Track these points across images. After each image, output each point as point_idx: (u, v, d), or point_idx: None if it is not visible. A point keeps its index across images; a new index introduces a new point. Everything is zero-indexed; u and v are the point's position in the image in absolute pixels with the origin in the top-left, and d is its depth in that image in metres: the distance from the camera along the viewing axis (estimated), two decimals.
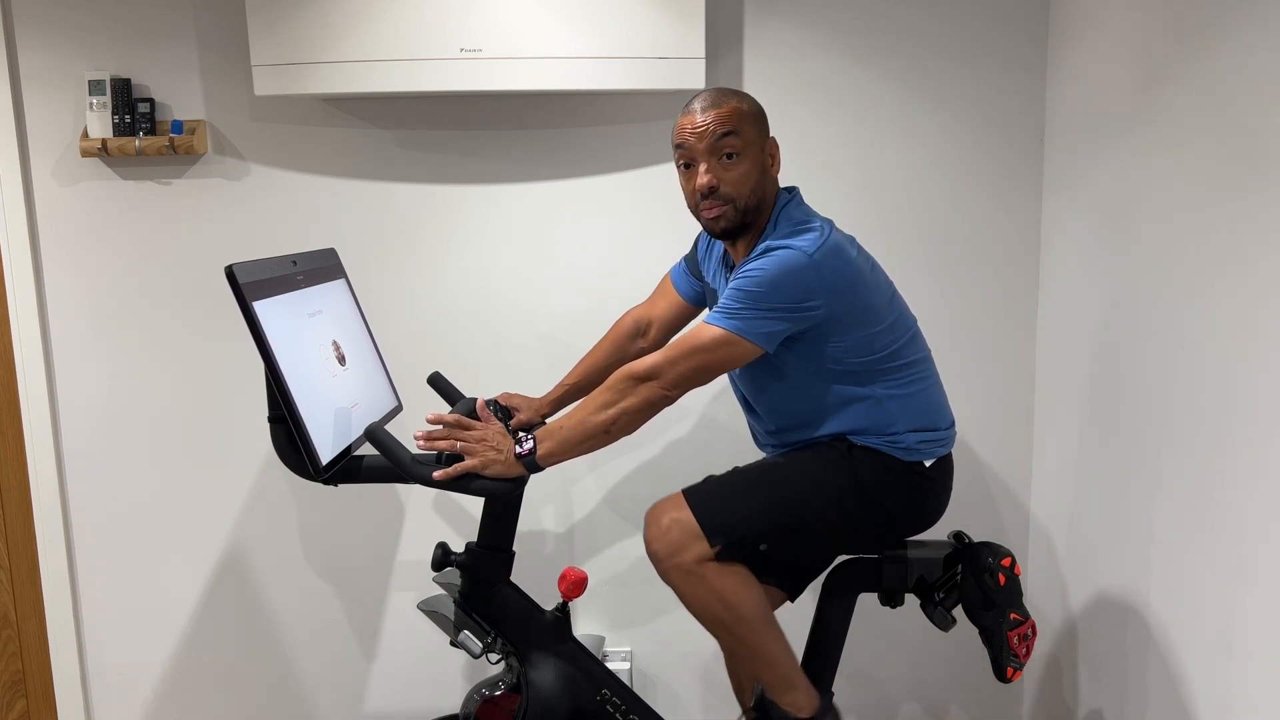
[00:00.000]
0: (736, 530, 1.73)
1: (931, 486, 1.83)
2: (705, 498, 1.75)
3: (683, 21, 2.13)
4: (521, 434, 1.74)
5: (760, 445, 1.97)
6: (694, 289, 2.02)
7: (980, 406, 2.44)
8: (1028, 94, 2.34)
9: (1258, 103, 1.58)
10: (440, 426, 1.73)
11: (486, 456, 1.69)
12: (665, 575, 1.75)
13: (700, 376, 1.67)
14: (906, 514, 1.82)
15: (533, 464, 1.71)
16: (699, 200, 1.74)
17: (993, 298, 2.41)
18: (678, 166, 1.77)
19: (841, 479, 1.76)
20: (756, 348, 1.65)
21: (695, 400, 2.44)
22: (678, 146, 1.74)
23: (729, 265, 1.86)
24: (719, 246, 1.91)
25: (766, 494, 1.76)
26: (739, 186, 1.71)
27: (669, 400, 1.68)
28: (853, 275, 1.69)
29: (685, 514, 1.72)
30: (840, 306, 1.67)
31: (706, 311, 1.78)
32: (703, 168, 1.71)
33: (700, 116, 1.70)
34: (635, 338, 2.07)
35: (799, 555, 1.88)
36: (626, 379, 1.68)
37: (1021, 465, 2.47)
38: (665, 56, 2.14)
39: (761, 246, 1.69)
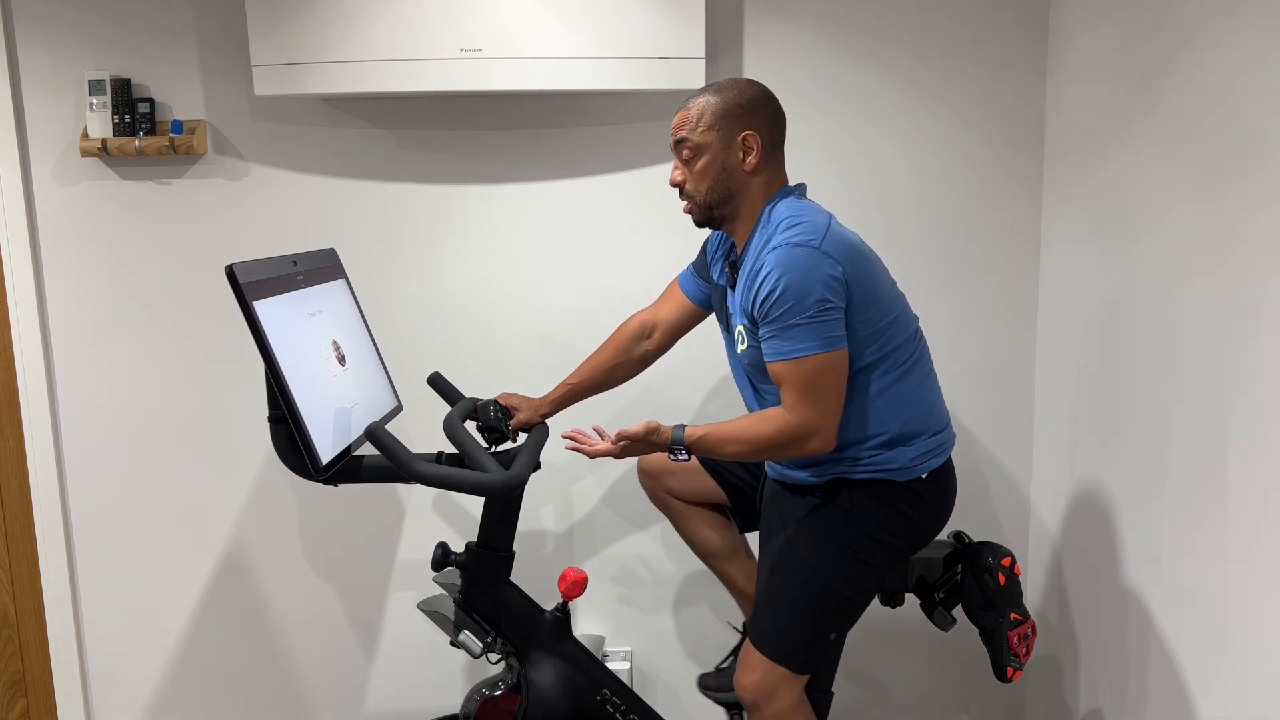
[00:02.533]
0: (804, 643, 1.80)
1: (934, 499, 1.82)
2: (766, 639, 1.80)
3: (683, 21, 2.13)
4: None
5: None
6: (702, 291, 2.02)
7: (980, 406, 2.44)
8: (1028, 94, 2.34)
9: (1256, 103, 1.58)
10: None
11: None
12: None
13: (839, 401, 1.69)
14: (920, 532, 1.83)
15: (679, 435, 1.76)
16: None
17: (993, 298, 2.41)
18: None
19: (851, 536, 1.78)
20: (843, 347, 1.68)
21: (694, 400, 2.44)
22: None
23: (731, 260, 1.87)
24: (729, 244, 1.92)
25: (802, 597, 1.80)
26: (696, 183, 1.79)
27: (830, 444, 1.71)
28: (858, 254, 1.72)
29: (762, 661, 1.79)
30: (858, 287, 1.69)
31: (742, 348, 1.80)
32: (673, 164, 1.82)
33: (675, 118, 1.79)
34: (640, 340, 2.07)
35: (857, 615, 1.90)
36: (793, 447, 1.70)
37: (1021, 465, 2.47)
38: (665, 56, 2.14)
39: (760, 261, 1.69)
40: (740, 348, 1.80)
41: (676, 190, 1.82)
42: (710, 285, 2.00)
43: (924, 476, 1.78)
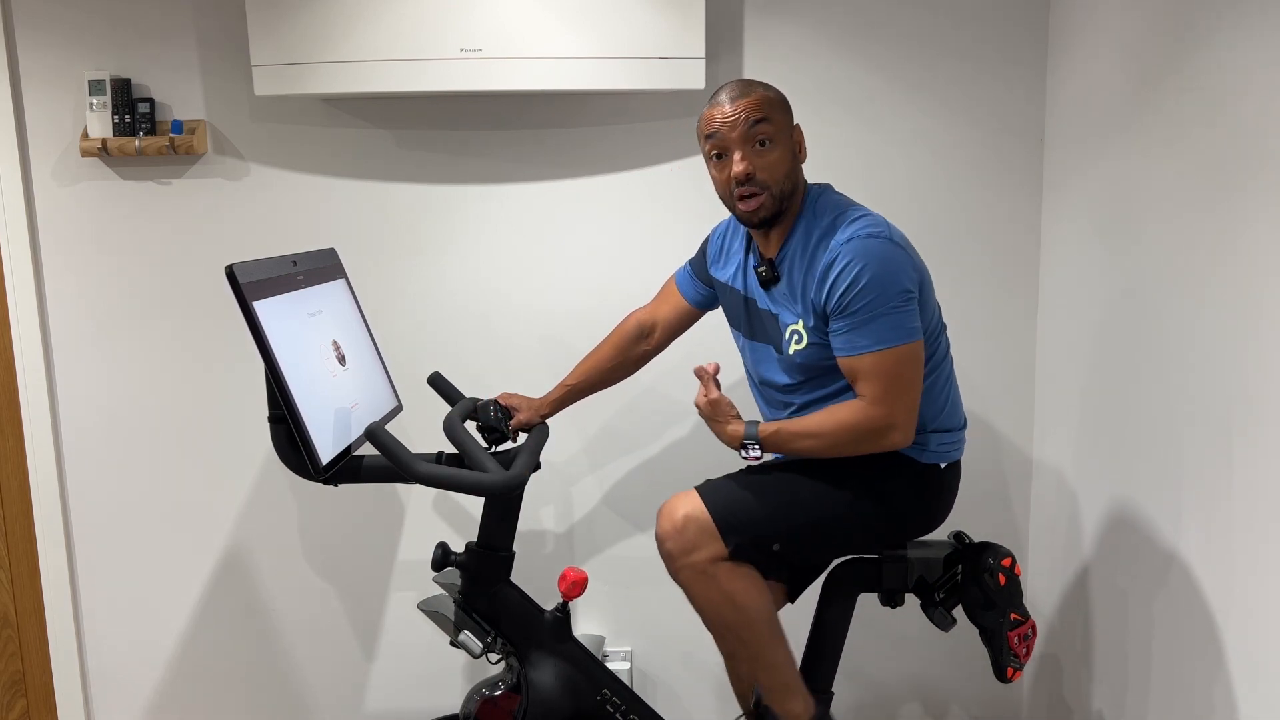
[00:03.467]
0: (752, 529, 1.71)
1: (942, 490, 1.83)
2: (721, 495, 1.73)
3: (683, 21, 2.13)
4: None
5: None
6: (700, 293, 2.02)
7: (980, 406, 2.44)
8: (1028, 94, 2.34)
9: (1256, 102, 1.58)
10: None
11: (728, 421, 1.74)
12: (676, 573, 1.73)
13: (916, 396, 1.67)
14: (915, 515, 1.83)
15: (754, 431, 1.71)
16: (733, 189, 1.72)
17: (993, 298, 2.41)
18: (708, 158, 1.76)
19: (855, 479, 1.76)
20: (921, 339, 1.66)
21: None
22: (709, 137, 1.73)
23: (757, 258, 1.83)
24: (739, 244, 1.89)
25: (781, 493, 1.74)
26: (773, 172, 1.70)
27: (909, 439, 1.68)
28: (916, 252, 1.73)
29: (701, 511, 1.70)
30: (923, 280, 1.71)
31: (795, 347, 1.75)
32: (737, 155, 1.70)
33: (730, 106, 1.70)
34: (639, 340, 2.06)
35: (809, 555, 1.87)
36: (872, 438, 1.66)
37: (1021, 465, 2.47)
38: (665, 56, 2.14)
39: (834, 254, 1.66)
40: (795, 347, 1.75)
41: (737, 183, 1.70)
42: (713, 289, 1.99)
43: (940, 466, 1.80)
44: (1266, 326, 1.57)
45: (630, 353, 2.06)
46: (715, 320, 2.04)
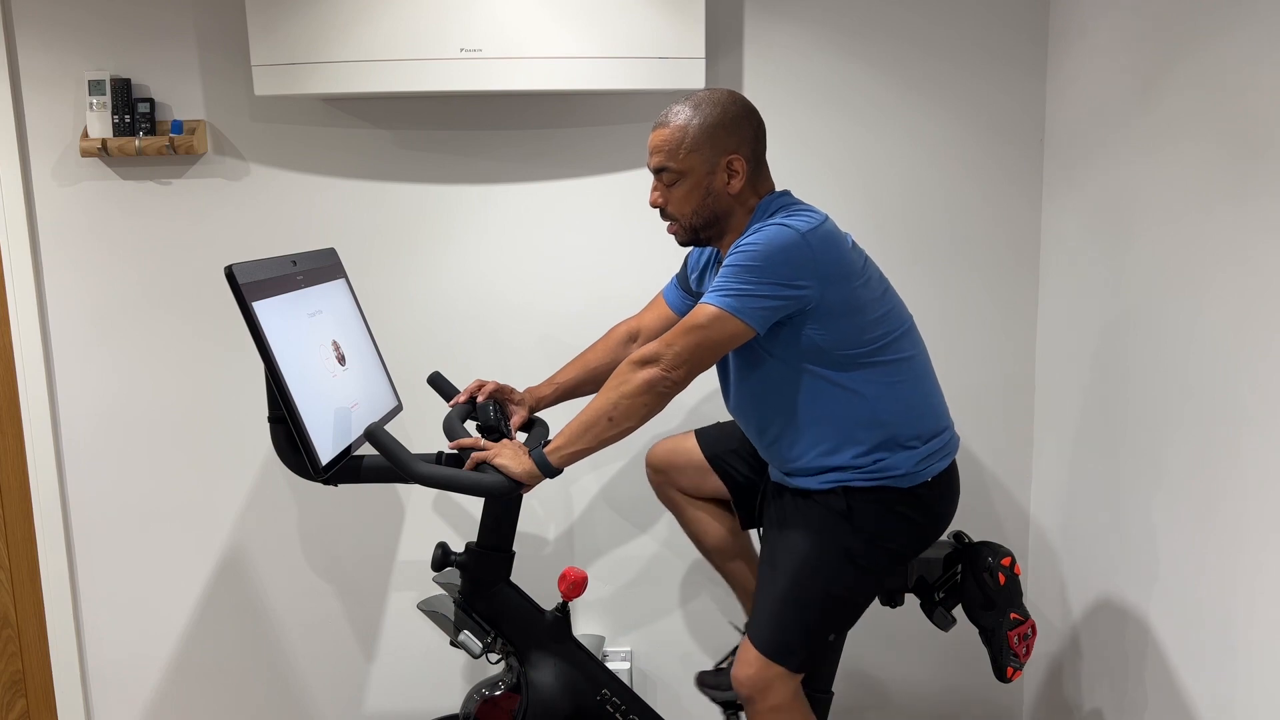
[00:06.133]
0: (801, 645, 1.78)
1: (939, 500, 1.81)
2: (761, 631, 1.79)
3: (683, 21, 2.13)
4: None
5: (758, 449, 1.96)
6: (684, 302, 2.02)
7: (980, 408, 2.44)
8: (1028, 96, 2.34)
9: (1257, 104, 1.58)
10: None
11: (502, 453, 1.72)
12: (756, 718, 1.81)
13: (698, 355, 1.66)
14: (919, 538, 1.82)
15: (541, 458, 1.70)
16: None
17: (993, 299, 2.41)
18: None
19: (852, 542, 1.76)
20: (748, 327, 1.64)
21: (693, 400, 2.44)
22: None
23: (720, 259, 1.86)
24: (710, 256, 1.93)
25: (800, 597, 1.77)
26: (680, 207, 1.77)
27: (670, 382, 1.66)
28: (844, 263, 1.69)
29: (755, 654, 1.77)
30: (830, 292, 1.67)
31: None
32: (653, 184, 1.79)
33: (652, 137, 1.76)
34: (628, 343, 2.07)
35: (855, 618, 1.89)
36: (627, 365, 1.69)
37: (1021, 465, 2.47)
38: (665, 56, 2.14)
39: (756, 225, 1.69)
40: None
41: (658, 211, 1.80)
42: (693, 298, 1.99)
43: (929, 481, 1.78)
44: (1267, 327, 1.57)
45: (619, 354, 2.05)
46: None
